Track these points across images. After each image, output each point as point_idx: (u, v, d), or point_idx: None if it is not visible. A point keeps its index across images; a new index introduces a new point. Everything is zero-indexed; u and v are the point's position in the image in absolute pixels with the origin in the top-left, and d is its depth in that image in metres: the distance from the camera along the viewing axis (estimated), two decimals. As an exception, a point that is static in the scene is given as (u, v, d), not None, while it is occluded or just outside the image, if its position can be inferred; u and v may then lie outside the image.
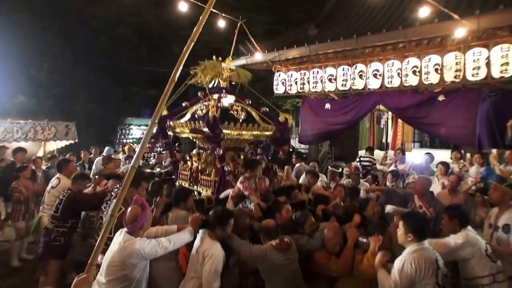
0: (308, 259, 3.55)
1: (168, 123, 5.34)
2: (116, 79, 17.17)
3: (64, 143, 11.00)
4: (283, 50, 9.18)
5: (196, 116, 5.38)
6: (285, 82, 9.82)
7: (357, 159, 8.94)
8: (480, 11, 6.30)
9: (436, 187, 6.23)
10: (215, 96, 5.34)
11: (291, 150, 10.09)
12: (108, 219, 2.27)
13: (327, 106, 9.62)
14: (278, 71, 10.01)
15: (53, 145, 10.91)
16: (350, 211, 4.44)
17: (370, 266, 3.16)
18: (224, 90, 5.41)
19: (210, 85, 5.36)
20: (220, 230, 3.24)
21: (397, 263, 2.89)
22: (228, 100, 5.44)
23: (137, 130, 17.82)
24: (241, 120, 5.32)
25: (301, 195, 5.26)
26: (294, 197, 5.07)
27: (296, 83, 9.60)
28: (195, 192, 5.13)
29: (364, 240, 3.50)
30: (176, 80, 2.39)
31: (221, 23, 7.29)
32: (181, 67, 2.41)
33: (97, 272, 2.94)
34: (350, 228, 3.73)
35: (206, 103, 5.34)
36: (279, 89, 9.98)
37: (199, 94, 5.45)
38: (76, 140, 11.14)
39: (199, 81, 5.17)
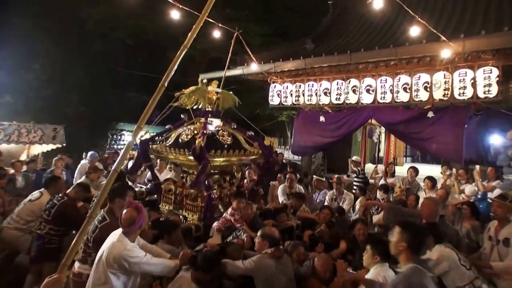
0: (299, 286, 3.69)
1: (150, 147, 5.39)
2: (110, 83, 16.95)
3: (50, 146, 10.63)
4: (279, 62, 9.68)
5: (180, 140, 5.18)
6: (281, 93, 10.30)
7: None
8: (464, 35, 6.95)
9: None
10: (201, 120, 5.31)
11: (284, 161, 10.50)
12: (86, 220, 2.23)
13: (321, 118, 10.02)
14: (273, 82, 10.48)
15: (39, 149, 10.66)
16: (336, 236, 4.82)
17: None
18: (209, 114, 5.37)
19: (195, 107, 5.35)
20: (202, 274, 3.07)
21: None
22: (214, 125, 5.41)
23: (129, 136, 17.53)
24: (225, 146, 5.13)
25: (287, 218, 5.48)
26: (281, 221, 5.26)
27: (291, 95, 10.09)
28: (181, 217, 5.08)
29: (351, 270, 3.69)
30: (166, 85, 2.41)
31: (217, 34, 7.59)
32: (172, 73, 2.43)
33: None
34: (339, 261, 3.80)
35: (192, 127, 5.32)
36: (274, 101, 10.46)
37: (182, 116, 5.55)
38: (64, 144, 10.70)
39: (182, 104, 5.16)
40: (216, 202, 5.15)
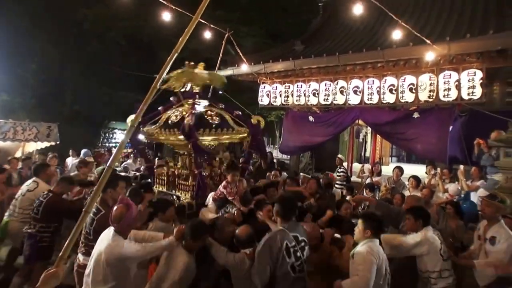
0: None
1: (141, 129, 5.36)
2: (104, 82, 16.99)
3: (45, 144, 10.59)
4: (268, 63, 9.66)
5: (170, 122, 5.24)
6: (270, 94, 10.25)
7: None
8: (450, 38, 6.96)
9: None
10: (190, 101, 5.32)
11: (273, 160, 10.50)
12: (82, 215, 2.23)
13: (309, 119, 10.01)
14: (263, 83, 10.42)
15: (33, 146, 10.57)
16: (323, 208, 4.92)
17: (347, 260, 3.44)
18: (197, 95, 5.38)
19: (183, 90, 5.38)
20: (192, 243, 3.27)
21: (357, 255, 3.16)
22: (202, 106, 5.42)
23: (121, 135, 17.66)
24: (214, 126, 5.20)
25: (277, 193, 5.47)
26: (271, 196, 5.22)
27: (280, 95, 10.05)
28: (174, 197, 5.17)
29: (339, 236, 3.91)
30: (158, 87, 2.43)
31: (208, 34, 7.56)
32: (164, 74, 2.47)
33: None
34: (326, 229, 4.05)
35: (180, 109, 5.36)
36: (263, 101, 10.41)
37: (171, 99, 5.53)
38: (58, 142, 10.77)
39: (171, 87, 5.14)
40: (207, 181, 5.18)
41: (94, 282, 2.98)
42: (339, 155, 9.34)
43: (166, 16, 6.53)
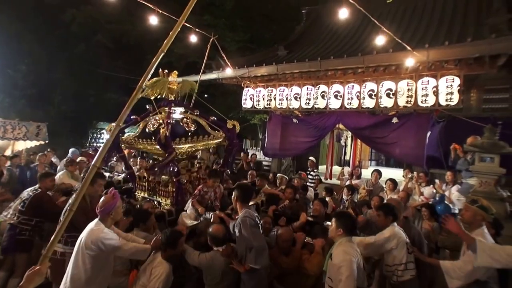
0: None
1: (121, 138, 5.25)
2: (92, 83, 16.95)
3: (34, 143, 10.63)
4: (252, 67, 9.42)
5: (147, 130, 5.18)
6: (253, 97, 10.00)
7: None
8: (429, 45, 6.82)
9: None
10: (166, 109, 5.24)
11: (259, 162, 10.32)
12: (67, 213, 2.26)
13: (292, 122, 9.84)
14: (247, 86, 10.18)
15: (22, 145, 10.49)
16: (296, 210, 4.99)
17: (315, 263, 3.55)
18: (172, 103, 5.33)
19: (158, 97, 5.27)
20: (170, 250, 3.31)
21: (335, 257, 3.08)
22: (177, 113, 5.40)
23: (108, 135, 17.43)
24: (190, 134, 5.18)
25: (255, 196, 5.50)
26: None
27: (263, 99, 9.81)
28: (155, 202, 5.18)
29: (310, 240, 3.93)
30: (143, 87, 2.46)
31: (194, 38, 7.39)
32: (149, 76, 2.49)
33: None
34: (298, 233, 4.05)
35: (157, 117, 5.26)
36: (247, 104, 10.17)
37: (147, 107, 5.37)
38: (47, 141, 10.80)
39: (146, 95, 5.04)
40: (186, 186, 5.22)
41: (74, 267, 3.02)
42: (311, 158, 9.13)
43: (153, 20, 6.33)
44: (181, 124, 5.24)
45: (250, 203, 4.40)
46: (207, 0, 15.24)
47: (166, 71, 5.26)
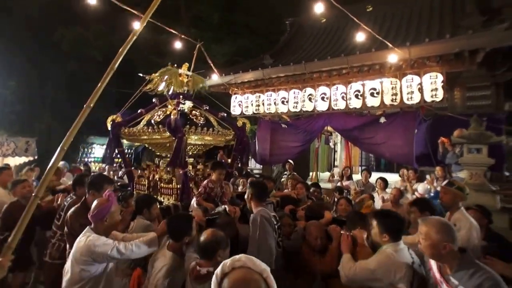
0: (294, 253, 3.39)
1: (123, 131, 4.96)
2: (82, 98, 16.68)
3: (23, 159, 10.26)
4: (238, 73, 9.30)
5: (152, 121, 4.83)
6: (242, 104, 9.81)
7: None
8: (410, 43, 6.75)
9: (376, 201, 6.43)
10: (174, 102, 5.02)
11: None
12: (32, 199, 2.03)
13: (281, 127, 9.69)
14: (235, 93, 10.01)
15: (11, 162, 9.92)
16: (316, 209, 4.33)
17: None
18: (181, 96, 5.14)
19: (167, 91, 5.10)
20: (175, 242, 2.87)
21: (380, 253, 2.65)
22: (186, 105, 5.16)
23: (99, 149, 17.01)
24: (199, 125, 4.88)
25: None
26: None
27: (252, 104, 9.62)
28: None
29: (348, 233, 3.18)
30: (115, 69, 2.32)
31: (179, 45, 7.22)
32: (121, 58, 2.40)
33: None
34: (332, 226, 3.49)
35: (164, 109, 4.98)
36: (236, 110, 9.96)
37: (154, 100, 5.16)
38: (36, 157, 10.40)
39: (152, 88, 4.89)
40: (191, 184, 4.84)
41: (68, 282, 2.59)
42: (289, 160, 8.92)
43: (136, 25, 6.13)
44: (190, 116, 4.95)
45: (267, 202, 4.05)
46: (194, 13, 15.22)
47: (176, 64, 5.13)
